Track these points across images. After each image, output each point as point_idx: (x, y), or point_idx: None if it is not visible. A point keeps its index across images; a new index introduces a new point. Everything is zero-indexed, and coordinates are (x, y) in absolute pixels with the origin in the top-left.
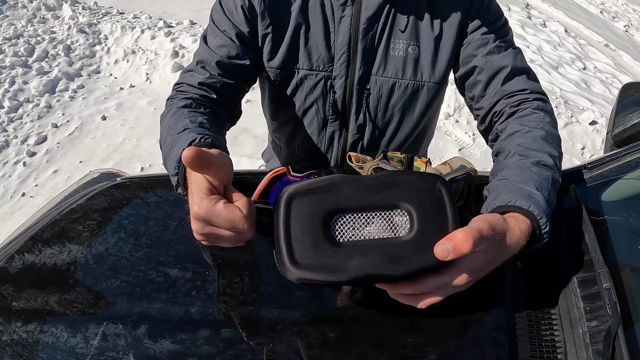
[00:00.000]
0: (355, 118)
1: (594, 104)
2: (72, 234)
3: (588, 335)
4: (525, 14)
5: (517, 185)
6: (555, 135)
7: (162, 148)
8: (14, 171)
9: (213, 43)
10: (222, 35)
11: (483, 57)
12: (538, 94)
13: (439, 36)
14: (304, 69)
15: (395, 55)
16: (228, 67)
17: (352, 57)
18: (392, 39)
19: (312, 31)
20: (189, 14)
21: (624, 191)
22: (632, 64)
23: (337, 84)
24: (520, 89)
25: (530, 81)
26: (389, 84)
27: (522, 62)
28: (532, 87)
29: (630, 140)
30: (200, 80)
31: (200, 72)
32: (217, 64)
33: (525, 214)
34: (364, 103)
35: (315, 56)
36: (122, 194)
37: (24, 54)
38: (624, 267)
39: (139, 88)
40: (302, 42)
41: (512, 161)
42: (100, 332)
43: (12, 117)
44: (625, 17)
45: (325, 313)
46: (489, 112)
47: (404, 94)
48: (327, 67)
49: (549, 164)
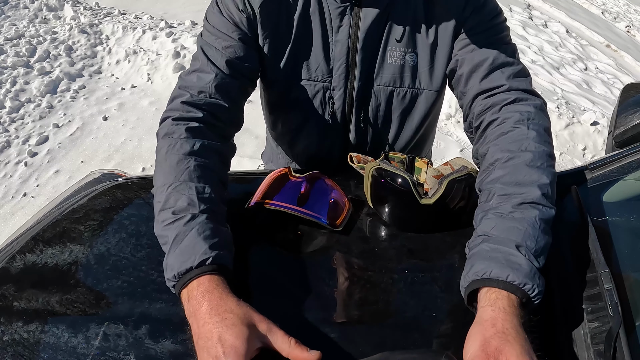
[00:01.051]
0: (355, 128)
1: (596, 105)
2: (73, 234)
3: (589, 336)
4: (526, 15)
5: (494, 246)
6: (542, 153)
7: (158, 210)
8: (16, 171)
9: (217, 44)
10: (225, 37)
11: (468, 52)
12: (519, 92)
13: (435, 43)
14: (304, 80)
15: (392, 63)
16: (236, 66)
17: (351, 68)
18: (388, 47)
19: (312, 41)
20: (191, 15)
21: (626, 192)
22: (633, 64)
23: (336, 95)
24: (497, 85)
25: (513, 78)
26: (387, 93)
27: (507, 57)
28: (512, 84)
29: (631, 141)
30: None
31: (209, 70)
32: (227, 63)
33: (504, 287)
34: (363, 112)
35: (314, 67)
36: (124, 194)
37: (25, 54)
38: (626, 268)
39: (140, 88)
40: (302, 53)
41: (491, 206)
42: (102, 332)
43: (14, 117)
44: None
45: (325, 313)
46: (468, 113)
47: (402, 102)
48: (326, 78)
49: (535, 198)
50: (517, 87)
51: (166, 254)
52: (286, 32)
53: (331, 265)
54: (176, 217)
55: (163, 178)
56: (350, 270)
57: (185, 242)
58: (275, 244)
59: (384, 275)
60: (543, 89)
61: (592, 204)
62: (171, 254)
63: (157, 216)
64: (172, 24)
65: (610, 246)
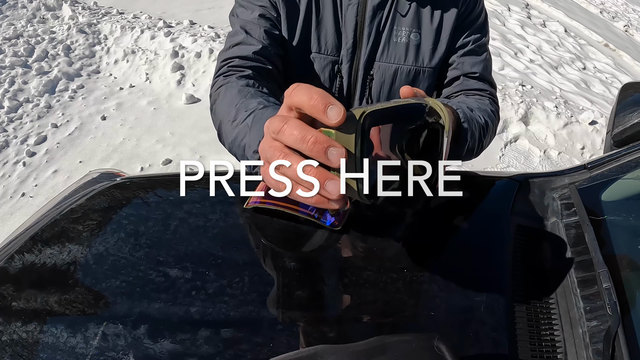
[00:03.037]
0: (359, 103)
1: (594, 104)
2: (72, 234)
3: (588, 335)
4: (525, 14)
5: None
6: (491, 115)
7: (231, 125)
8: (14, 171)
9: (251, 16)
10: (259, 9)
11: (459, 57)
12: (493, 96)
13: (440, 25)
14: (314, 52)
15: (398, 42)
16: (274, 36)
17: (358, 44)
18: (395, 26)
19: (323, 16)
20: (189, 14)
21: (624, 191)
22: (631, 63)
23: (344, 69)
24: (479, 88)
25: (491, 88)
26: (392, 70)
27: (490, 73)
28: (491, 91)
29: (630, 140)
30: (254, 49)
31: (251, 41)
32: (266, 33)
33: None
34: (368, 88)
35: (324, 40)
36: (122, 194)
37: (23, 54)
38: (624, 267)
39: (138, 88)
40: (314, 26)
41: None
42: (100, 332)
43: (12, 117)
44: (625, 17)
45: (326, 313)
46: (445, 97)
47: (406, 80)
48: (335, 52)
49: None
50: (493, 94)
51: (247, 138)
52: (300, 5)
53: (330, 264)
54: (252, 110)
55: (227, 106)
56: (349, 270)
57: (265, 117)
58: (274, 244)
59: (384, 274)
60: (541, 88)
61: (590, 203)
62: (252, 133)
63: (231, 125)
64: (171, 24)
65: (609, 245)
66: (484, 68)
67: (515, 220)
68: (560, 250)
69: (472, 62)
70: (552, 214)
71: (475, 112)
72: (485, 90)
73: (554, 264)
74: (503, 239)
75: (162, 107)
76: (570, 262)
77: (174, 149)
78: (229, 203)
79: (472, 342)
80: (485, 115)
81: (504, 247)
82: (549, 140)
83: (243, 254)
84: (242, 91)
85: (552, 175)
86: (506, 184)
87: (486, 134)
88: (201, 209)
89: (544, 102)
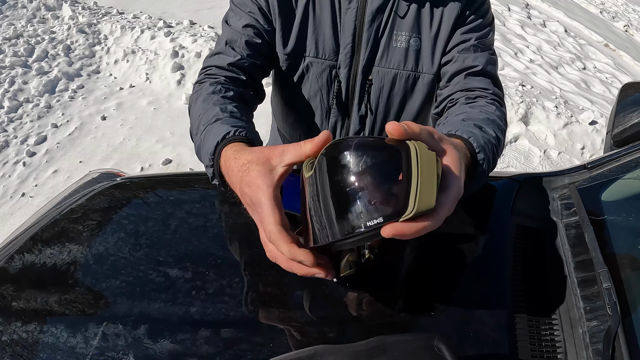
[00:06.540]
0: (357, 108)
1: (594, 104)
2: (72, 234)
3: (588, 335)
4: (525, 14)
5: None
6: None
7: (194, 137)
8: (14, 171)
9: (238, 24)
10: (246, 16)
11: (459, 53)
12: (498, 97)
13: (438, 28)
14: (311, 57)
15: (397, 46)
16: (255, 46)
17: (357, 48)
18: (394, 31)
19: (320, 20)
20: (189, 14)
21: (624, 191)
22: (632, 63)
23: (342, 74)
24: (482, 87)
25: (495, 87)
26: (391, 75)
27: (493, 68)
28: (494, 91)
29: (630, 140)
30: (229, 61)
31: (229, 53)
32: (246, 44)
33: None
34: (366, 94)
35: (321, 45)
36: (122, 194)
37: (23, 54)
38: (624, 267)
39: (138, 88)
40: (311, 30)
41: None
42: (100, 332)
43: (12, 117)
44: (625, 17)
45: (326, 313)
46: (445, 98)
47: (405, 85)
48: (333, 56)
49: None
50: (498, 94)
51: (202, 150)
52: (297, 9)
53: None
54: (205, 124)
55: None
56: None
57: (213, 132)
58: None
59: (383, 274)
60: (541, 89)
61: (590, 203)
62: (204, 147)
63: (195, 137)
64: (171, 24)
65: (609, 245)
66: (487, 62)
67: (515, 220)
68: (561, 250)
69: (474, 57)
70: (552, 214)
71: (485, 130)
72: (488, 90)
73: (554, 264)
74: (503, 239)
75: (162, 107)
76: (570, 262)
77: (174, 149)
78: (229, 203)
79: (472, 342)
80: (495, 129)
81: (504, 247)
82: (549, 140)
83: (243, 254)
84: (206, 99)
85: (552, 175)
86: (506, 184)
87: (499, 150)
88: (201, 209)
89: (544, 102)
